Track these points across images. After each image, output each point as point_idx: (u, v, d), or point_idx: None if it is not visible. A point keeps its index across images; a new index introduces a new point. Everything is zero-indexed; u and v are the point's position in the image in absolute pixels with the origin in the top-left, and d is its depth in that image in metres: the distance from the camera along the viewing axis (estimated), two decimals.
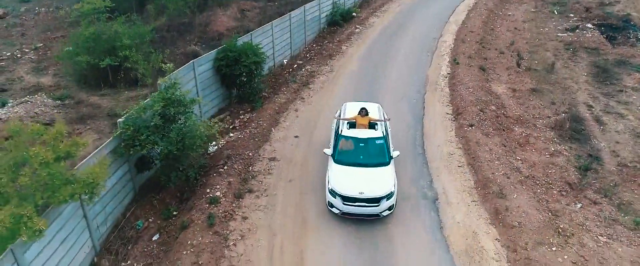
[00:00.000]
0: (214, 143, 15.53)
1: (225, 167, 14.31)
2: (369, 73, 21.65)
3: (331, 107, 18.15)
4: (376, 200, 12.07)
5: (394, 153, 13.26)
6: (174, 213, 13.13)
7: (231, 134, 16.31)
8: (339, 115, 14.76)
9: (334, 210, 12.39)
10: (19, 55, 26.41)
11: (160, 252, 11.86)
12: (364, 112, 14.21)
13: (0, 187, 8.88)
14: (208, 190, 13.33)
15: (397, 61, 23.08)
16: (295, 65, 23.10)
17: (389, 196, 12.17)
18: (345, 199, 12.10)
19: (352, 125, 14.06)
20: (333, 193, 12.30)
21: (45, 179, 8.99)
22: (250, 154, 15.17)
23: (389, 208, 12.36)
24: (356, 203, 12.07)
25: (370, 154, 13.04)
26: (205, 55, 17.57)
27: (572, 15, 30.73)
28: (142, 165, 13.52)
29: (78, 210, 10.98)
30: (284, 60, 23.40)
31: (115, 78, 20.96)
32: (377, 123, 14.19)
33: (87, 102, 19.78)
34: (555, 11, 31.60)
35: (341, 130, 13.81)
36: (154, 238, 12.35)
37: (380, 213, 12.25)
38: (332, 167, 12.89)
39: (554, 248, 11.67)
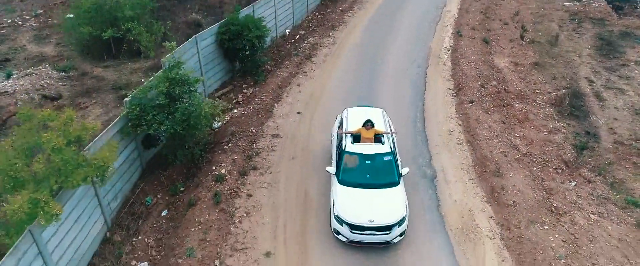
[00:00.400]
0: (218, 119, 15.80)
1: (230, 144, 14.67)
2: (372, 46, 21.61)
3: (334, 81, 18.32)
4: (387, 228, 11.05)
5: (404, 171, 12.06)
6: (181, 189, 13.59)
7: (235, 110, 16.57)
8: (340, 125, 13.45)
9: (340, 237, 11.30)
10: (20, 22, 26.24)
11: (169, 228, 12.42)
12: (369, 124, 12.65)
13: (16, 172, 9.24)
14: (213, 168, 13.74)
15: (400, 32, 22.96)
16: (298, 36, 23.01)
17: (400, 222, 11.18)
18: (354, 227, 11.02)
19: (356, 138, 12.73)
20: (339, 220, 11.17)
21: (58, 165, 9.35)
22: (254, 131, 15.49)
23: (401, 234, 11.35)
24: (365, 232, 11.03)
25: (378, 172, 11.89)
26: (207, 29, 17.56)
27: None
28: (149, 142, 13.88)
29: (90, 189, 11.42)
30: (286, 31, 23.28)
31: (118, 49, 20.98)
32: (383, 136, 12.79)
33: (91, 74, 19.90)
34: None
35: (345, 145, 12.42)
36: (163, 213, 12.88)
37: (392, 240, 11.25)
38: (337, 189, 11.68)
39: (546, 227, 12.17)
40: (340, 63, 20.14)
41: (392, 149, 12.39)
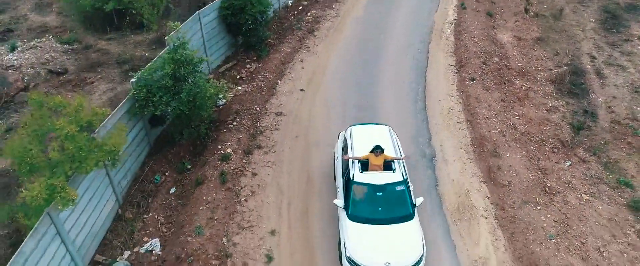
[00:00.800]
0: (222, 96, 16.06)
1: (235, 123, 15.02)
2: (375, 20, 21.51)
3: (336, 58, 18.41)
4: None
5: (417, 201, 11.12)
6: (188, 166, 14.07)
7: (239, 87, 16.80)
8: (344, 147, 12.29)
9: None
10: None
11: (178, 205, 12.98)
12: (379, 150, 11.52)
13: (32, 158, 9.66)
14: (219, 146, 14.16)
15: (403, 4, 22.75)
16: (300, 7, 22.85)
17: (419, 261, 10.31)
18: None
19: (364, 163, 11.69)
20: (352, 263, 10.23)
21: (72, 152, 9.75)
22: (258, 109, 15.80)
23: None
24: None
25: (391, 205, 10.94)
26: (210, 4, 17.52)
27: None
28: (156, 120, 14.22)
29: (101, 169, 11.89)
30: (289, 1, 23.09)
31: (120, 21, 20.95)
32: (393, 162, 11.76)
33: (95, 47, 20.00)
34: None
35: (353, 175, 11.35)
36: (171, 191, 13.41)
37: None
38: (347, 227, 10.69)
39: (538, 207, 12.69)
40: (342, 38, 20.15)
41: (405, 177, 11.37)
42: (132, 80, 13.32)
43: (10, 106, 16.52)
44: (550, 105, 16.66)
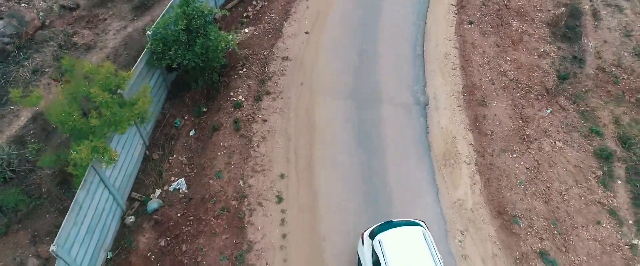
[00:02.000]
0: (232, 37, 16.84)
1: (244, 69, 16.17)
2: None
3: None
4: None
5: None
6: (204, 110, 15.54)
7: (246, 30, 17.57)
8: (375, 262, 10.81)
9: None
10: None
11: (198, 147, 14.74)
12: None
13: (74, 122, 11.17)
14: (231, 93, 15.52)
15: None
16: None
17: None
18: None
19: None
20: None
21: (109, 117, 11.23)
22: (265, 53, 16.79)
23: None
24: None
25: None
26: None
27: None
28: (172, 67, 15.39)
29: None
30: None
31: None
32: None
33: None
34: None
35: None
36: (191, 133, 15.09)
37: None
38: None
39: (514, 155, 14.45)
40: None
41: None
42: (148, 32, 14.25)
43: (32, 45, 17.43)
44: (542, 50, 17.56)
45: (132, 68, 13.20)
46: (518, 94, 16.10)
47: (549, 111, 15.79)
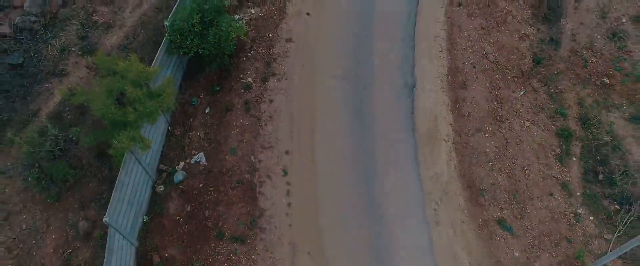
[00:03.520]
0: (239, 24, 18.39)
1: (252, 51, 17.93)
2: None
3: None
4: None
5: None
6: (217, 89, 17.51)
7: (252, 10, 19.04)
8: None
9: None
10: None
11: (213, 124, 16.93)
12: None
13: (113, 114, 13.29)
14: (241, 75, 17.42)
15: None
16: None
17: None
18: None
19: None
20: None
21: (142, 112, 13.34)
22: (270, 35, 18.43)
23: None
24: None
25: None
26: None
27: None
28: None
29: None
30: None
31: None
32: None
33: None
34: None
35: None
36: (206, 110, 17.19)
37: None
38: None
39: (487, 135, 16.75)
40: None
41: None
42: (166, 23, 15.90)
43: (56, 23, 18.94)
44: (523, 32, 19.22)
45: (154, 59, 15.04)
46: (496, 76, 18.06)
47: (522, 92, 17.85)
